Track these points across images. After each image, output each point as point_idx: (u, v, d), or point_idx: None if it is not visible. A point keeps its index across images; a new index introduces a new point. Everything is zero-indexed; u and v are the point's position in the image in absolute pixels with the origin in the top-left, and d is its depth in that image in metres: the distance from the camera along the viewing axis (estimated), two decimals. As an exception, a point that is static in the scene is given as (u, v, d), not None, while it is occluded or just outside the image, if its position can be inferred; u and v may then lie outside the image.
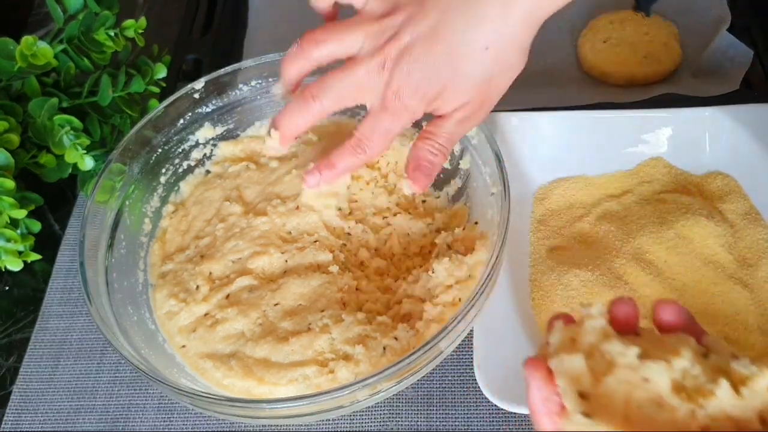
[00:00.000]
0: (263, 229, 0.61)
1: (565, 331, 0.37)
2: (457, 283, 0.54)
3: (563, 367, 0.35)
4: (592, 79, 0.76)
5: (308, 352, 0.54)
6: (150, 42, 0.76)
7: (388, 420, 0.57)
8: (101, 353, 0.63)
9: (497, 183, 0.55)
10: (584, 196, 0.66)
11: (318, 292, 0.57)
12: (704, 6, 0.78)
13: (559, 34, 0.80)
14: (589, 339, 0.36)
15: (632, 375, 0.34)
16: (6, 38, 0.67)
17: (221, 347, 0.56)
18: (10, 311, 0.67)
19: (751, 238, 0.61)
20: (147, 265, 0.61)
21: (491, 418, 0.56)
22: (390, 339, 0.53)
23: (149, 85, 0.72)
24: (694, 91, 0.70)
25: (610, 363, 0.35)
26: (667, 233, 0.60)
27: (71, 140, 0.66)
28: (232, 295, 0.58)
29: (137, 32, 0.72)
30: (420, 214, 0.62)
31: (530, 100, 0.70)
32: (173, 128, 0.64)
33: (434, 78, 0.50)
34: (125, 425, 0.59)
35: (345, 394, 0.47)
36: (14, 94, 0.69)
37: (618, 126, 0.66)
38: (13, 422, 0.60)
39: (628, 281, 0.59)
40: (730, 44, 0.72)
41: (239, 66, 0.65)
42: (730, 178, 0.65)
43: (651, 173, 0.66)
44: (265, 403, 0.49)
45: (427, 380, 0.59)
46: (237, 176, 0.65)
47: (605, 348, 0.35)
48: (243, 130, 0.68)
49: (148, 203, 0.63)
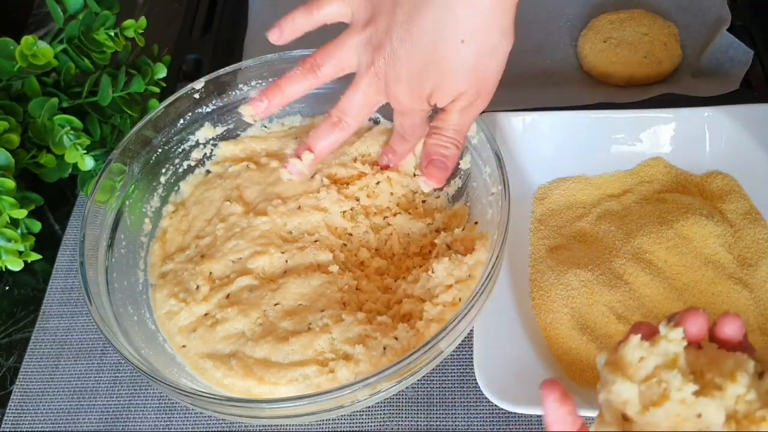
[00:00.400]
0: (263, 228, 0.61)
1: (638, 350, 0.37)
2: (457, 283, 0.54)
3: (615, 391, 0.36)
4: (592, 79, 0.76)
5: (308, 351, 0.54)
6: (150, 42, 0.76)
7: (388, 420, 0.57)
8: (101, 353, 0.63)
9: (497, 183, 0.55)
10: (584, 196, 0.66)
11: (318, 291, 0.57)
12: (704, 6, 0.78)
13: (559, 34, 0.80)
14: (656, 362, 0.36)
15: (685, 410, 0.35)
16: (6, 38, 0.67)
17: (221, 347, 0.56)
18: (11, 311, 0.67)
19: (751, 237, 0.61)
20: (147, 265, 0.61)
21: (491, 418, 0.56)
22: (390, 339, 0.53)
23: (149, 85, 0.72)
24: (694, 91, 0.70)
25: (664, 395, 0.35)
26: (667, 233, 0.60)
27: (71, 140, 0.66)
28: (233, 295, 0.58)
29: (137, 32, 0.72)
30: (420, 214, 0.62)
31: (530, 100, 0.70)
32: (173, 128, 0.64)
33: (423, 77, 0.52)
34: (125, 425, 0.59)
35: (345, 394, 0.47)
36: (14, 94, 0.69)
37: (618, 126, 0.66)
38: (13, 422, 0.60)
39: (628, 281, 0.59)
40: (730, 44, 0.72)
41: (239, 66, 0.65)
42: (730, 178, 0.65)
43: (651, 173, 0.66)
44: (265, 403, 0.49)
45: (427, 380, 0.59)
46: (237, 176, 0.65)
47: (665, 377, 0.35)
48: (243, 130, 0.68)
49: (148, 203, 0.63)
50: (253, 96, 0.61)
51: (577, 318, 0.58)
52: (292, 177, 0.61)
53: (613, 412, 0.36)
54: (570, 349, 0.57)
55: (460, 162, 0.62)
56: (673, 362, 0.36)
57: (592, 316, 0.58)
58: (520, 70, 0.78)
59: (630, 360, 0.36)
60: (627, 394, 0.36)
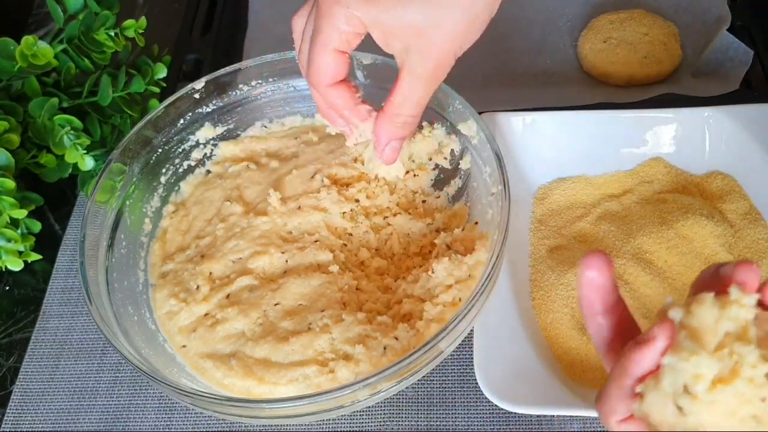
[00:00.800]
0: (264, 228, 0.61)
1: (711, 312, 0.32)
2: (457, 283, 0.54)
3: (694, 362, 0.31)
4: (592, 79, 0.76)
5: (308, 351, 0.54)
6: (150, 42, 0.76)
7: (388, 420, 0.57)
8: (101, 353, 0.63)
9: (497, 183, 0.55)
10: (584, 196, 0.66)
11: (318, 291, 0.57)
12: (704, 6, 0.78)
13: (559, 34, 0.80)
14: (728, 328, 0.32)
15: (750, 390, 0.31)
16: (6, 38, 0.67)
17: (221, 347, 0.56)
18: (11, 311, 0.67)
19: (751, 238, 0.61)
20: (147, 265, 0.61)
21: (491, 418, 0.56)
22: (390, 339, 0.53)
23: (149, 85, 0.72)
24: (694, 91, 0.70)
25: (734, 370, 0.31)
26: (668, 233, 0.60)
27: (71, 140, 0.66)
28: (233, 295, 0.58)
29: (137, 32, 0.72)
30: (420, 214, 0.62)
31: (530, 100, 0.70)
32: (173, 128, 0.64)
33: None
34: (125, 425, 0.59)
35: (345, 394, 0.47)
36: (14, 94, 0.69)
37: (618, 126, 0.66)
38: (14, 422, 0.60)
39: (628, 281, 0.59)
40: (730, 44, 0.72)
41: (239, 66, 0.65)
42: (730, 178, 0.65)
43: (651, 173, 0.66)
44: (265, 403, 0.49)
45: (427, 380, 0.59)
46: (237, 176, 0.65)
47: (738, 350, 0.31)
48: (243, 130, 0.68)
49: (148, 203, 0.63)
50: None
51: (577, 318, 0.58)
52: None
53: (675, 382, 0.32)
54: (570, 349, 0.57)
55: (460, 162, 0.62)
56: (745, 332, 0.32)
57: (592, 316, 0.58)
58: (520, 70, 0.78)
59: (707, 325, 0.32)
60: (705, 370, 0.31)
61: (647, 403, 0.33)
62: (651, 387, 0.33)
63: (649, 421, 0.33)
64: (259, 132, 0.68)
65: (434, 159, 0.63)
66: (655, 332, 0.33)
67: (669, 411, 0.32)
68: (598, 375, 0.56)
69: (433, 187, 0.64)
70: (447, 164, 0.63)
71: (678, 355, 0.32)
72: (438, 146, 0.63)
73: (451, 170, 0.63)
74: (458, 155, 0.62)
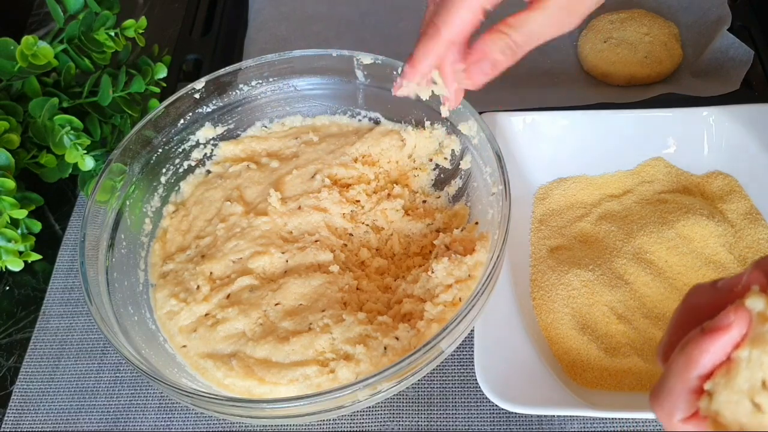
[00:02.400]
0: (264, 228, 0.61)
1: (759, 303, 0.30)
2: (458, 283, 0.54)
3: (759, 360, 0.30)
4: (592, 79, 0.76)
5: (309, 351, 0.54)
6: (150, 42, 0.76)
7: (388, 420, 0.57)
8: (102, 353, 0.63)
9: (498, 183, 0.55)
10: (585, 196, 0.66)
11: (319, 291, 0.57)
12: (704, 6, 0.78)
13: (559, 34, 0.80)
14: None
15: None
16: (6, 38, 0.67)
17: (222, 347, 0.56)
18: (11, 311, 0.67)
19: (751, 237, 0.61)
20: (147, 265, 0.61)
21: (491, 418, 0.56)
22: (391, 339, 0.53)
23: (149, 85, 0.72)
24: (694, 91, 0.70)
25: None
26: (668, 233, 0.60)
27: (71, 140, 0.66)
28: (233, 295, 0.58)
29: (137, 32, 0.72)
30: (420, 214, 0.62)
31: (530, 100, 0.70)
32: (174, 128, 0.64)
33: None
34: (126, 425, 0.59)
35: (345, 394, 0.47)
36: (14, 94, 0.69)
37: (618, 126, 0.66)
38: (14, 422, 0.60)
39: (628, 281, 0.59)
40: (730, 44, 0.72)
41: (239, 66, 0.65)
42: (731, 178, 0.65)
43: (651, 173, 0.66)
44: (265, 403, 0.49)
45: (428, 380, 0.59)
46: (238, 176, 0.65)
47: None
48: (243, 130, 0.68)
49: (148, 203, 0.63)
50: None
51: (577, 318, 0.58)
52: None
53: (752, 377, 0.30)
54: (570, 349, 0.57)
55: (460, 162, 0.62)
56: None
57: (592, 316, 0.58)
58: (520, 70, 0.77)
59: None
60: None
61: (718, 400, 0.31)
62: (723, 383, 0.31)
63: (719, 420, 0.31)
64: (260, 132, 0.68)
65: (435, 159, 0.63)
66: (730, 319, 0.30)
67: (742, 409, 0.30)
68: (599, 375, 0.56)
69: (434, 187, 0.64)
70: (447, 164, 0.63)
71: (761, 348, 0.30)
72: (438, 146, 0.63)
73: (452, 170, 0.63)
74: (459, 155, 0.62)
